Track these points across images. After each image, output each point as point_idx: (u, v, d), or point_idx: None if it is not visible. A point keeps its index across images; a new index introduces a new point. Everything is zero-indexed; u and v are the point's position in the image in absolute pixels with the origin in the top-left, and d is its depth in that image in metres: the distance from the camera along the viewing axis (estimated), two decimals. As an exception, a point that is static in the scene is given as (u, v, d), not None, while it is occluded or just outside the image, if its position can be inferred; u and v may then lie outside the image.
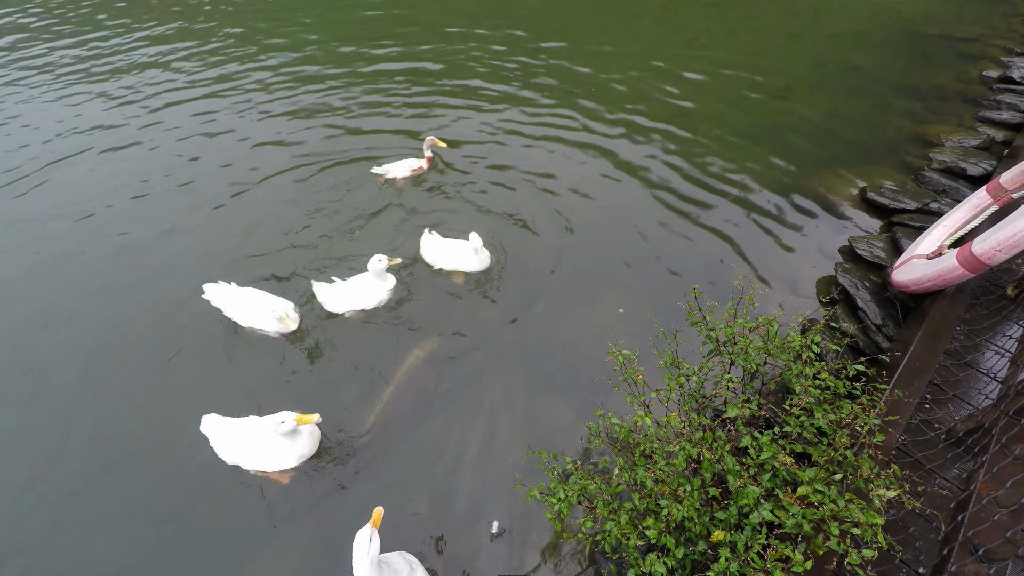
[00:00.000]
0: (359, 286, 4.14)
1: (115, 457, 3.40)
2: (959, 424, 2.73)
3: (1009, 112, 5.94)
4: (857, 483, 2.04)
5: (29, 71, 8.52)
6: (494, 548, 2.99)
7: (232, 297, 3.97)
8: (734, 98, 6.75)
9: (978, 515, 2.12)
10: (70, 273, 4.74)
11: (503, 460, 3.31)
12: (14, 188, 5.83)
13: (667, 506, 2.15)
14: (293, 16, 9.94)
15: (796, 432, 2.34)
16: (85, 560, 2.98)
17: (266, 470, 3.21)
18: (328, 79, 7.61)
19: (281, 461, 3.17)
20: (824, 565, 2.03)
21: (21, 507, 3.21)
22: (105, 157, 6.24)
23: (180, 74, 7.98)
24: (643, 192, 5.39)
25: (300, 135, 6.43)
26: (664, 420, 2.49)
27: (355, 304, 4.14)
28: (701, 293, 2.77)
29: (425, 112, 6.79)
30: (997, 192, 3.79)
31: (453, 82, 7.36)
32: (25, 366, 3.97)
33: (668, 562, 2.02)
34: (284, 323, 3.85)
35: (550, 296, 4.35)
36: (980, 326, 3.34)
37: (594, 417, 2.72)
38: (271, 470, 3.21)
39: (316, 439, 3.31)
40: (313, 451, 3.28)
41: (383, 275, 4.12)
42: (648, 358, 3.18)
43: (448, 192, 5.48)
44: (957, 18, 8.17)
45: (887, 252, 4.51)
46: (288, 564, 2.95)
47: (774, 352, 2.64)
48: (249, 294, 3.96)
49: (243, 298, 3.94)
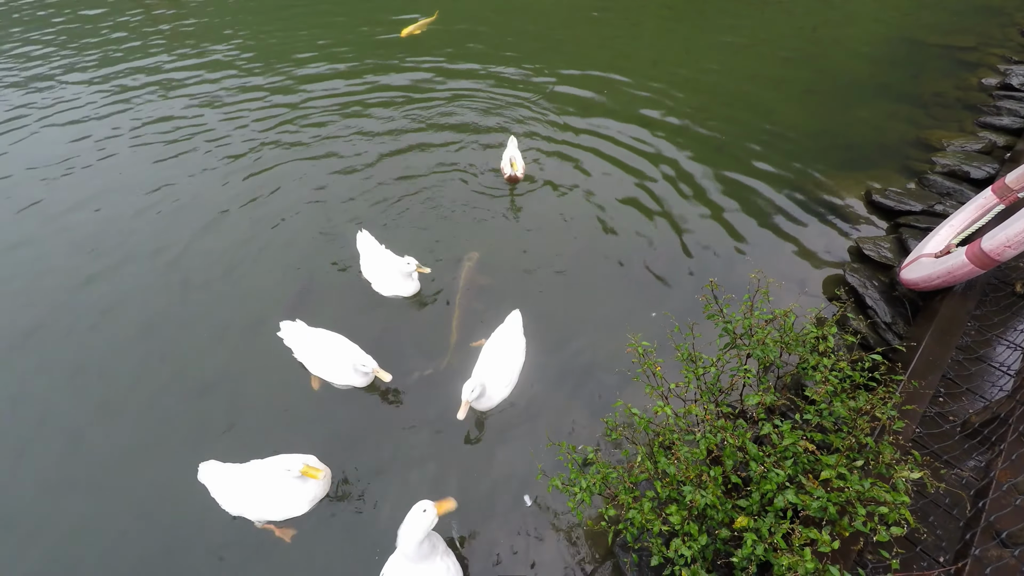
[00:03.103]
0: (388, 270, 4.20)
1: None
2: (974, 416, 2.75)
3: (1010, 117, 6.04)
4: (879, 468, 2.06)
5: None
6: (513, 537, 3.01)
7: (309, 341, 3.64)
8: (739, 105, 6.85)
9: (998, 501, 2.14)
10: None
11: (524, 454, 3.34)
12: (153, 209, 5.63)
13: (690, 492, 2.16)
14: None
15: (816, 421, 2.37)
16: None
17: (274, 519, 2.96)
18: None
19: (291, 508, 2.92)
20: (851, 546, 2.05)
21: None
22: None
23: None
24: (649, 195, 5.45)
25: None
26: (683, 411, 2.52)
27: (378, 283, 4.28)
28: (719, 286, 2.81)
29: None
30: (1003, 192, 3.86)
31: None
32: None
33: (693, 546, 2.03)
34: (378, 376, 3.49)
35: (564, 298, 4.39)
36: (991, 322, 3.38)
37: (611, 413, 2.76)
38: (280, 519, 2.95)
39: (328, 478, 3.11)
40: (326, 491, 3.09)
41: (409, 277, 4.18)
42: (666, 353, 3.22)
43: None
44: (954, 28, 8.33)
45: (894, 252, 4.56)
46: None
47: (791, 344, 2.68)
48: (330, 340, 3.64)
49: (322, 344, 3.62)
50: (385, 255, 4.31)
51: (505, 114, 6.86)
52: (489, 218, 5.25)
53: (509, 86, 7.48)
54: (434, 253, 4.81)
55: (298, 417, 3.65)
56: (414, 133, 6.56)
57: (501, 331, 3.69)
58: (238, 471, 2.99)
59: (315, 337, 3.66)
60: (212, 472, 3.01)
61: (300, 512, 2.95)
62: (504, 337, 3.63)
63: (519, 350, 3.64)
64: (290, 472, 2.81)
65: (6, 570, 3.02)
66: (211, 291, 4.59)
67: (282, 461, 2.85)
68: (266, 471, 2.92)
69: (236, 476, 2.96)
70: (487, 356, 3.50)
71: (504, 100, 7.15)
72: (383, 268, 4.25)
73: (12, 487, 3.38)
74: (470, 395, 3.13)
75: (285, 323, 3.80)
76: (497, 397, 3.40)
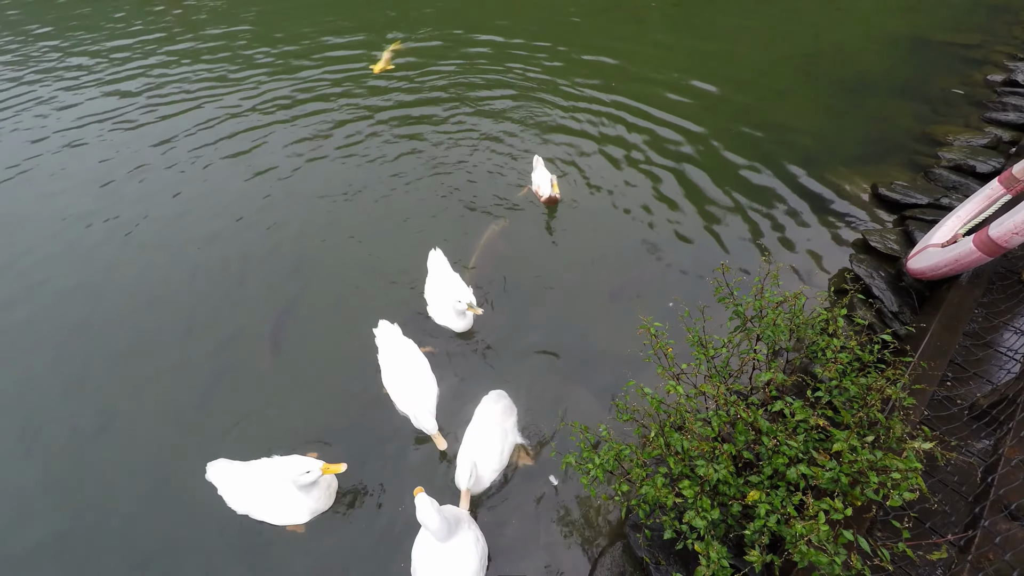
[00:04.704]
0: (444, 300, 3.97)
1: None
2: (982, 398, 2.79)
3: (1015, 113, 6.07)
4: (890, 442, 2.10)
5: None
6: (521, 520, 3.05)
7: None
8: (748, 100, 6.90)
9: (1007, 476, 2.17)
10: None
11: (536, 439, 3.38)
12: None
13: (703, 467, 2.20)
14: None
15: (826, 399, 2.41)
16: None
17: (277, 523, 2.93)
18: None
19: (292, 515, 2.89)
20: (863, 514, 2.09)
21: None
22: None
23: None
24: (659, 190, 5.50)
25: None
26: (694, 392, 2.56)
27: (433, 307, 4.07)
28: (729, 269, 2.85)
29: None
30: (1010, 182, 3.89)
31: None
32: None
33: (706, 517, 2.07)
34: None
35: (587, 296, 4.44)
36: (998, 309, 3.41)
37: (620, 395, 2.80)
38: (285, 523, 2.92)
39: (333, 491, 3.05)
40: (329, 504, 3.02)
41: (462, 315, 3.96)
42: (677, 339, 3.25)
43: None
44: (960, 25, 8.36)
45: (900, 244, 4.59)
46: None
47: (801, 326, 2.72)
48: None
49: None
50: (451, 281, 4.11)
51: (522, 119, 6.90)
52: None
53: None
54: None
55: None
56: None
57: (483, 411, 3.30)
58: (246, 470, 2.97)
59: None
60: (220, 471, 3.01)
61: (301, 520, 2.90)
62: (487, 418, 3.26)
63: (507, 430, 3.28)
64: (310, 474, 2.73)
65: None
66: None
67: (296, 463, 2.79)
68: (276, 472, 2.86)
69: (244, 475, 2.95)
70: (472, 437, 3.17)
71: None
72: (442, 295, 4.01)
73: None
74: (468, 482, 2.88)
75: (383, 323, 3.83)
76: (487, 479, 3.10)
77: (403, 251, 4.76)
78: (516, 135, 6.47)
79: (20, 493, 3.37)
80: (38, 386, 3.96)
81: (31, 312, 4.57)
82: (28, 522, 3.22)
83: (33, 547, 3.10)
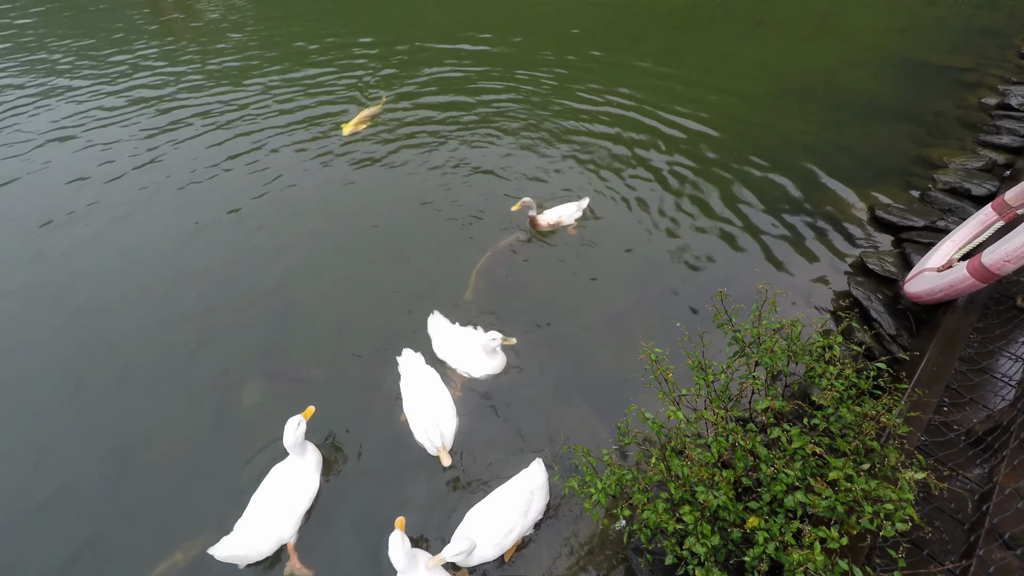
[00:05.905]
0: (468, 346, 3.91)
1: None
2: (977, 425, 2.84)
3: (1009, 136, 6.19)
4: (884, 471, 2.15)
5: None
6: (527, 544, 3.08)
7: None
8: (744, 122, 7.04)
9: (1002, 504, 2.22)
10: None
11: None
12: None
13: (703, 493, 2.25)
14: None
15: (823, 426, 2.46)
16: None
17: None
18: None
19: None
20: (859, 543, 2.13)
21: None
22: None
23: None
24: (657, 214, 5.59)
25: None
26: (694, 416, 2.62)
27: (457, 363, 3.94)
28: (727, 296, 2.92)
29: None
30: (1002, 208, 3.98)
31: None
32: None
33: (706, 543, 2.11)
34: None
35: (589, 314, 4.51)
36: (993, 334, 3.47)
37: (622, 419, 2.85)
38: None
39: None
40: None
41: (494, 353, 3.86)
42: (677, 362, 3.31)
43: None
44: (954, 49, 8.55)
45: (897, 267, 4.67)
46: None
47: (798, 352, 2.78)
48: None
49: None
50: (464, 333, 4.04)
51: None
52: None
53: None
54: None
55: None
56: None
57: (519, 483, 3.05)
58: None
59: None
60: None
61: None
62: (517, 490, 3.01)
63: (530, 511, 2.98)
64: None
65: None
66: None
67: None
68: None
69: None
70: (490, 504, 2.96)
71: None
72: (464, 347, 3.92)
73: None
74: (465, 559, 2.69)
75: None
76: (479, 558, 2.83)
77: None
78: (509, 169, 6.38)
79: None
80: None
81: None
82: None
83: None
